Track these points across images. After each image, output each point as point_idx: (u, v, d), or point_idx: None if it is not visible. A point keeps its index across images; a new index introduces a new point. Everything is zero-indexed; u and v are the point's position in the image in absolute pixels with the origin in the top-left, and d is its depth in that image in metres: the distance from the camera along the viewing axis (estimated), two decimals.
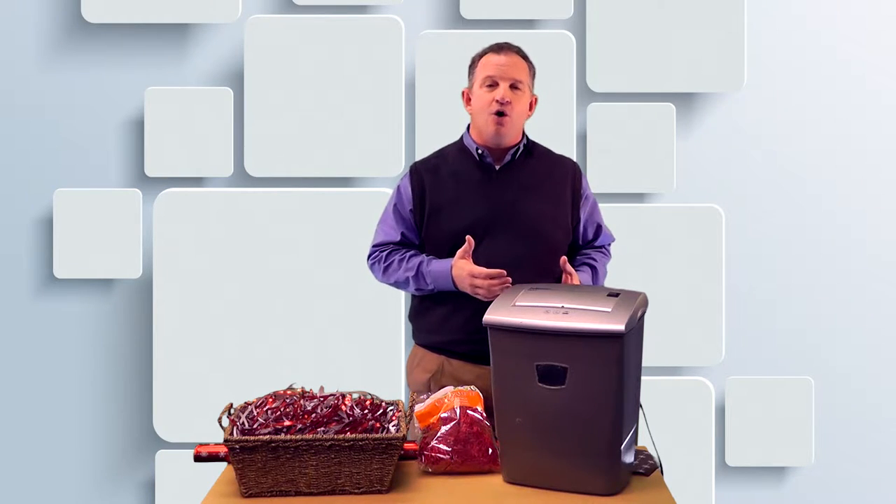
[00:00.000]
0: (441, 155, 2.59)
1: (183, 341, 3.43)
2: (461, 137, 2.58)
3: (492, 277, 2.34)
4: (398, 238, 2.54)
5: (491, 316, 2.03)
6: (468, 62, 2.58)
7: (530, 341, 1.97)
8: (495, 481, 2.05)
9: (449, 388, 2.23)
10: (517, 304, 2.03)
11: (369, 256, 2.60)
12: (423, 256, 2.49)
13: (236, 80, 3.51)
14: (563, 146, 3.42)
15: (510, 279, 2.33)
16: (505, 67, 2.47)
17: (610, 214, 2.86)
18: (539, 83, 2.58)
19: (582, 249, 2.62)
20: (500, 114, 2.45)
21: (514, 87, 2.47)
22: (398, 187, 2.57)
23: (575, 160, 2.66)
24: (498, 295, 2.20)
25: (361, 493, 1.98)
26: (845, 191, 3.55)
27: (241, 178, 3.50)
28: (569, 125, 3.44)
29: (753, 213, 3.54)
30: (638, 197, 3.51)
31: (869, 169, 3.55)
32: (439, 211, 2.49)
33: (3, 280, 3.53)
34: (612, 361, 1.92)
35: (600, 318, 1.93)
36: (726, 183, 3.53)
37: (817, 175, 3.54)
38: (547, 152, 2.60)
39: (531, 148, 2.56)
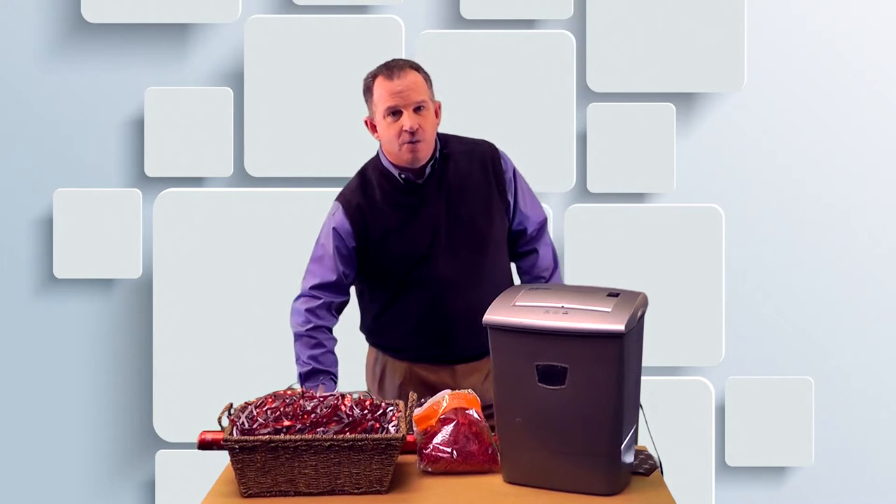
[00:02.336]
0: (365, 181, 2.51)
1: (183, 341, 3.42)
2: (377, 158, 2.51)
3: None
4: (334, 278, 2.48)
5: (491, 316, 2.02)
6: (366, 88, 2.45)
7: (530, 341, 1.97)
8: (495, 481, 2.05)
9: (446, 392, 2.22)
10: (517, 304, 2.03)
11: (299, 298, 2.55)
12: (322, 380, 2.44)
13: (236, 80, 3.50)
14: (563, 146, 3.45)
15: None
16: (404, 94, 2.38)
17: (610, 214, 2.88)
18: (539, 83, 2.58)
19: (519, 246, 2.59)
20: (413, 141, 2.39)
21: (417, 109, 2.39)
22: (333, 228, 2.47)
23: (491, 142, 2.57)
24: None
25: (361, 494, 1.98)
26: (845, 191, 3.54)
27: (241, 178, 3.50)
28: (569, 125, 3.43)
29: (753, 213, 3.54)
30: (638, 197, 3.51)
31: (869, 169, 3.54)
32: (384, 240, 2.45)
33: (3, 280, 3.53)
34: (612, 361, 1.92)
35: (600, 318, 1.93)
36: (726, 183, 3.53)
37: (817, 175, 3.54)
38: (459, 143, 2.53)
39: (444, 146, 2.51)
